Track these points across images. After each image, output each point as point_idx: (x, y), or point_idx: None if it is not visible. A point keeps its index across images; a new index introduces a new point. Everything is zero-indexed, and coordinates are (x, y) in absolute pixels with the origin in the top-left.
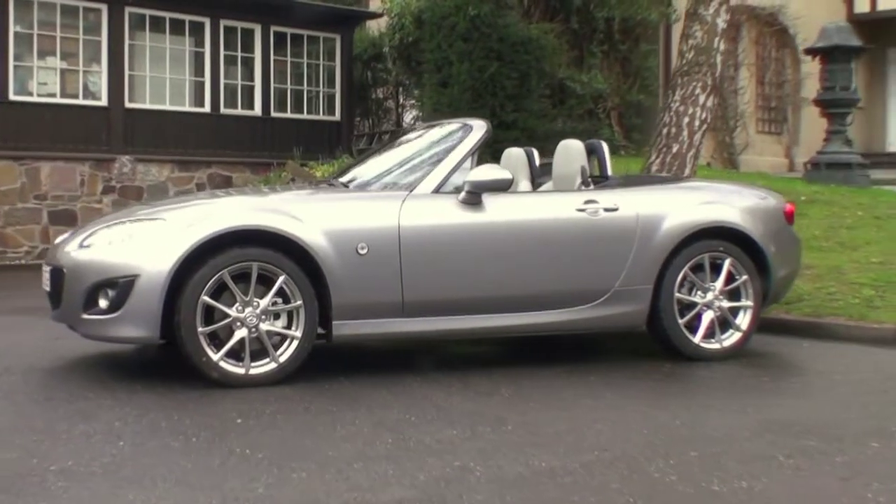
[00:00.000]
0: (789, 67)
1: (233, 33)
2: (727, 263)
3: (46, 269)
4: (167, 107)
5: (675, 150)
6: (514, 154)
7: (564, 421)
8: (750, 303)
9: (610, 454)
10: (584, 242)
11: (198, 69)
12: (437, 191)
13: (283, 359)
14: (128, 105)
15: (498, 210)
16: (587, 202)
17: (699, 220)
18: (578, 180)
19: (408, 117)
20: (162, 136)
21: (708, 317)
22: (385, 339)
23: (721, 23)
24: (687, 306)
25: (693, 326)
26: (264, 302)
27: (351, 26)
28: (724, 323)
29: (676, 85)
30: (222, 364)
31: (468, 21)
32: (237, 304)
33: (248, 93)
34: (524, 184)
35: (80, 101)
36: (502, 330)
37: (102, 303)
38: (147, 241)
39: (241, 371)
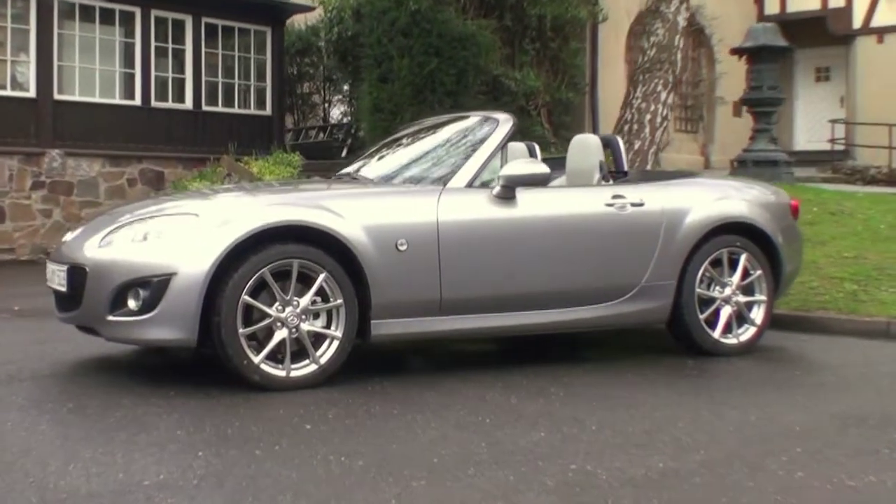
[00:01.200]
0: (704, 67)
1: (163, 24)
2: (743, 258)
3: (61, 268)
4: (97, 99)
5: (637, 146)
6: (515, 148)
7: (644, 420)
8: (764, 297)
9: (718, 453)
10: (614, 238)
11: (128, 61)
12: (470, 185)
13: (323, 360)
14: (57, 97)
15: (530, 205)
16: (615, 197)
17: (720, 215)
18: (597, 175)
19: (335, 113)
20: (92, 129)
21: (726, 312)
22: (421, 339)
23: (682, 21)
24: (705, 301)
25: (711, 322)
26: (304, 301)
27: (282, 20)
28: (739, 318)
29: (638, 82)
30: (263, 367)
31: (408, 16)
32: (277, 304)
33: (179, 86)
34: None
35: (8, 93)
36: (535, 327)
37: (132, 303)
38: (181, 237)
39: (283, 374)
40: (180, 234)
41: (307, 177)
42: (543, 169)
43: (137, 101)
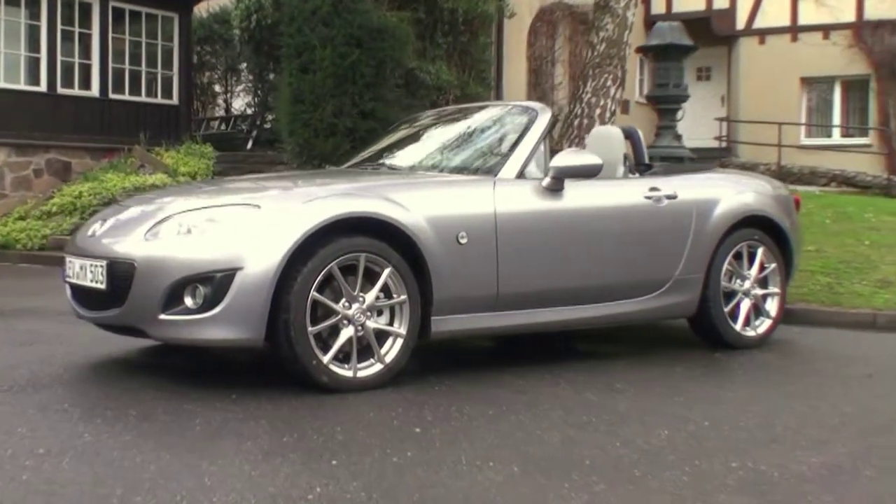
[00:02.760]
0: None
1: (70, 7)
2: (760, 252)
3: (97, 263)
4: (1, 84)
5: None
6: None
7: (747, 415)
8: (777, 290)
9: (856, 445)
10: (653, 231)
11: (33, 44)
12: (519, 176)
13: (388, 359)
14: None
15: (576, 197)
16: (651, 189)
17: (743, 208)
18: (621, 168)
19: (237, 103)
20: None
21: (746, 305)
22: (478, 336)
23: (630, 16)
24: (727, 295)
25: (733, 315)
26: (370, 297)
27: (189, 6)
28: (756, 310)
29: (588, 76)
30: (332, 367)
31: (330, 5)
32: (343, 300)
33: (86, 72)
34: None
35: None
36: (581, 322)
37: (189, 301)
38: (244, 229)
39: (350, 374)
40: (243, 227)
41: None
42: (596, 160)
43: (43, 88)
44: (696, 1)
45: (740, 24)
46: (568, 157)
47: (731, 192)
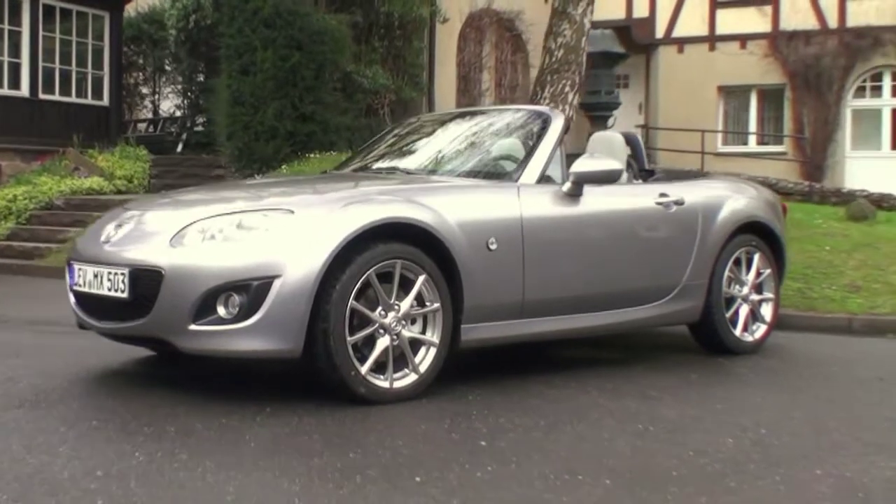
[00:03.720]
0: (520, 73)
1: None
2: (757, 257)
3: (117, 271)
4: None
5: None
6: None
7: (794, 421)
8: (772, 295)
9: None
10: (665, 236)
11: None
12: (539, 181)
13: (422, 369)
14: None
15: (595, 202)
16: (661, 195)
17: (743, 214)
18: (625, 174)
19: (165, 105)
20: None
21: (744, 310)
22: (506, 344)
23: (587, 23)
24: (727, 300)
25: (732, 321)
26: (405, 305)
27: (120, 5)
28: (752, 316)
29: (546, 82)
30: (369, 378)
31: (272, 7)
32: (379, 309)
33: (15, 71)
34: None
35: None
36: (599, 329)
37: (223, 311)
38: (279, 235)
39: (387, 385)
40: (278, 233)
41: (171, 173)
42: (616, 165)
43: None
44: (617, 9)
45: (659, 32)
46: (588, 163)
47: (731, 198)
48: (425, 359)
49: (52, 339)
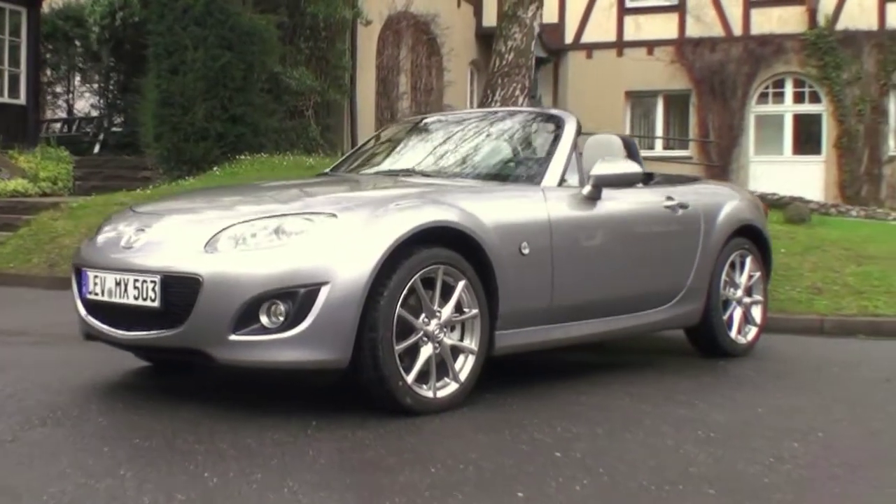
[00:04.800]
0: (434, 76)
1: None
2: (749, 260)
3: (146, 278)
4: None
5: None
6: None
7: (838, 424)
8: (761, 298)
9: None
10: (673, 240)
11: None
12: (559, 184)
13: (462, 377)
14: None
15: (611, 205)
16: (668, 198)
17: (738, 218)
18: None
19: (81, 104)
20: None
21: (738, 313)
22: (535, 350)
23: (536, 26)
24: (723, 303)
25: (727, 323)
26: (447, 312)
27: (37, 1)
28: (744, 318)
29: (496, 85)
30: (414, 388)
31: (203, 5)
32: (423, 316)
33: None
34: None
35: None
36: (616, 333)
37: (265, 320)
38: (324, 240)
39: (431, 395)
40: (323, 237)
41: (95, 175)
42: (636, 168)
43: None
44: None
45: (568, 38)
46: (608, 166)
47: (728, 202)
48: (464, 367)
49: (30, 351)
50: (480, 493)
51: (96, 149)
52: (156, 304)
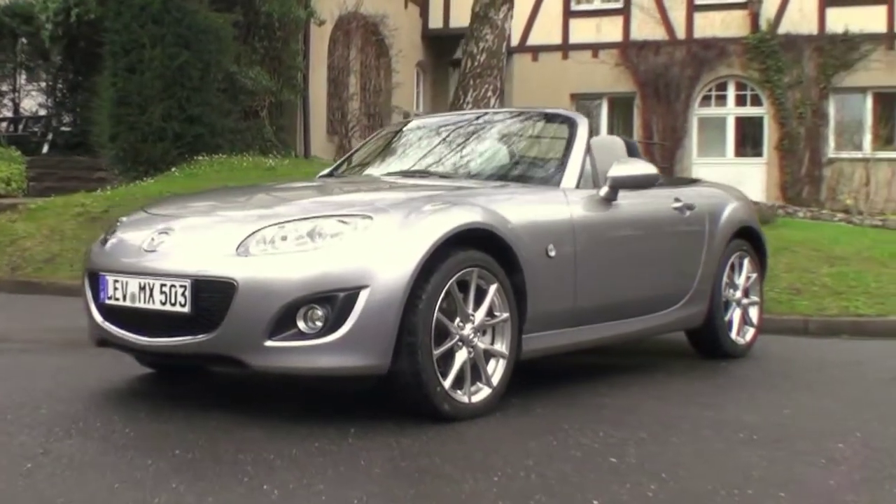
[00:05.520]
0: (383, 77)
1: None
2: (746, 262)
3: (175, 283)
4: None
5: None
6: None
7: (870, 425)
8: (758, 299)
9: None
10: (683, 241)
11: None
12: (577, 186)
13: (495, 382)
14: None
15: (627, 207)
16: (675, 200)
17: (738, 219)
18: None
19: (28, 103)
20: None
21: (737, 314)
22: (559, 353)
23: (508, 28)
24: (724, 304)
25: (729, 324)
26: (480, 316)
27: None
28: (742, 320)
29: (469, 87)
30: (451, 393)
31: (160, 2)
32: (457, 320)
33: None
34: None
35: None
36: (631, 335)
37: (303, 325)
38: (362, 243)
39: (466, 400)
40: (360, 239)
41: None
42: (652, 170)
43: None
44: None
45: (515, 40)
46: (625, 167)
47: (729, 204)
48: (496, 371)
49: (21, 358)
50: (554, 502)
51: (45, 149)
52: (185, 309)
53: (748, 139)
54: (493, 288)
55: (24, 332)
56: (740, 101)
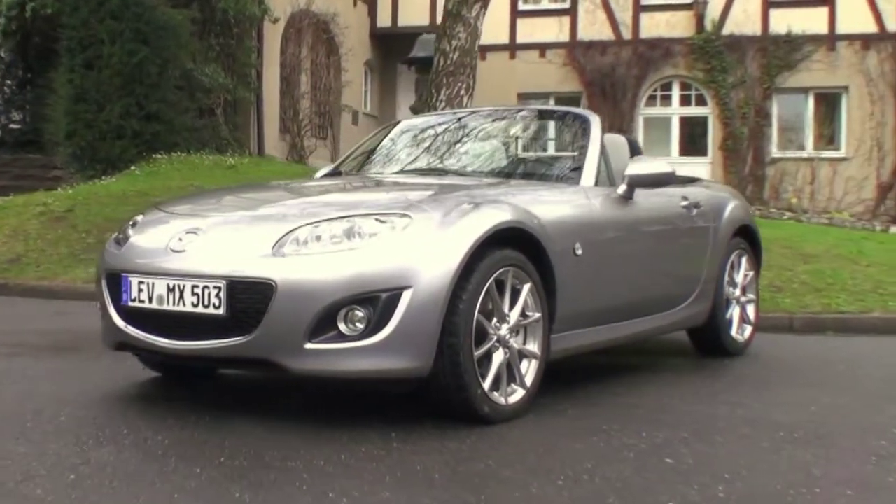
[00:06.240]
0: (333, 76)
1: None
2: (744, 260)
3: (208, 284)
4: None
5: None
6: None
7: None
8: (754, 296)
9: None
10: (691, 239)
11: None
12: (595, 184)
13: (528, 383)
14: None
15: (643, 204)
16: (683, 198)
17: (738, 218)
18: None
19: None
20: None
21: (737, 312)
22: (583, 353)
23: (480, 26)
24: (726, 303)
25: (729, 322)
26: (515, 316)
27: None
28: (740, 317)
29: (441, 85)
30: (489, 395)
31: None
32: (494, 321)
33: None
34: None
35: None
36: (645, 334)
37: (344, 327)
38: (403, 241)
39: (503, 401)
40: (400, 239)
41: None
42: (668, 168)
43: None
44: (421, 16)
45: None
46: (643, 165)
47: (730, 203)
48: (528, 372)
49: (16, 363)
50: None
51: None
52: (220, 311)
53: (693, 139)
54: (526, 287)
55: (4, 336)
56: (685, 100)
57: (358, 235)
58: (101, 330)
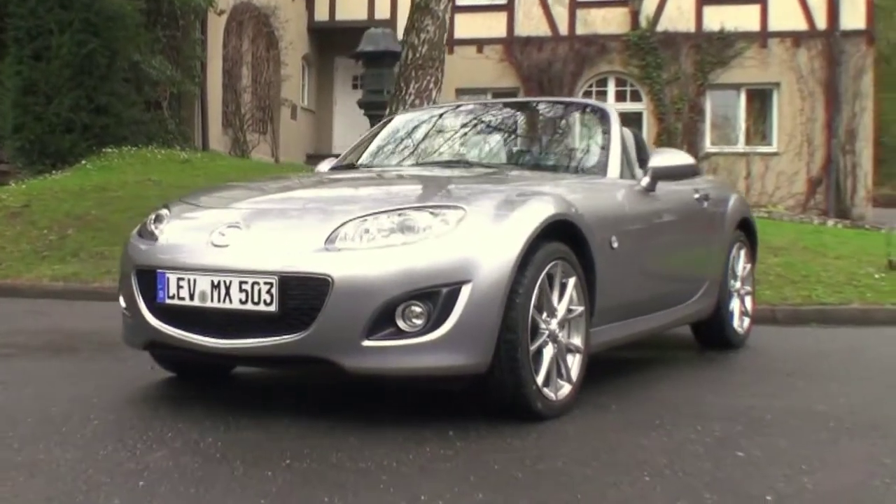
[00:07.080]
0: (272, 70)
1: None
2: (744, 252)
3: (258, 280)
4: None
5: None
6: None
7: None
8: (751, 288)
9: None
10: (704, 231)
11: None
12: (620, 177)
13: (574, 377)
14: None
15: (664, 197)
16: (695, 190)
17: (740, 210)
18: (638, 169)
19: None
20: None
21: (737, 304)
22: (616, 347)
23: (447, 19)
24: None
25: (731, 314)
26: (562, 310)
27: None
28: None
29: (410, 78)
30: (542, 390)
31: None
32: (545, 315)
33: None
34: None
35: None
36: (664, 327)
37: (402, 323)
38: (459, 235)
39: (554, 397)
40: (456, 232)
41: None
42: (690, 160)
43: None
44: (358, 10)
45: (400, 34)
46: (666, 157)
47: (732, 196)
48: (573, 366)
49: (17, 364)
50: (729, 498)
51: None
52: (271, 308)
53: None
54: (571, 281)
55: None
56: (620, 96)
57: (411, 229)
58: (123, 328)
